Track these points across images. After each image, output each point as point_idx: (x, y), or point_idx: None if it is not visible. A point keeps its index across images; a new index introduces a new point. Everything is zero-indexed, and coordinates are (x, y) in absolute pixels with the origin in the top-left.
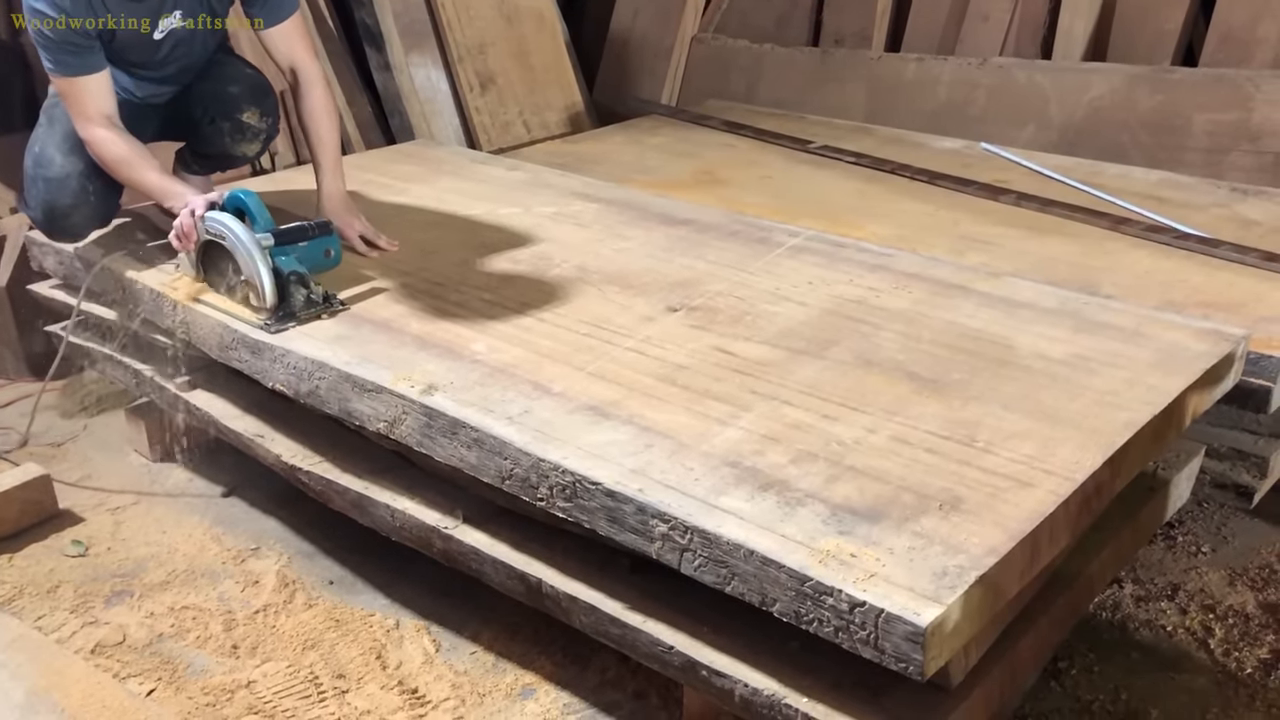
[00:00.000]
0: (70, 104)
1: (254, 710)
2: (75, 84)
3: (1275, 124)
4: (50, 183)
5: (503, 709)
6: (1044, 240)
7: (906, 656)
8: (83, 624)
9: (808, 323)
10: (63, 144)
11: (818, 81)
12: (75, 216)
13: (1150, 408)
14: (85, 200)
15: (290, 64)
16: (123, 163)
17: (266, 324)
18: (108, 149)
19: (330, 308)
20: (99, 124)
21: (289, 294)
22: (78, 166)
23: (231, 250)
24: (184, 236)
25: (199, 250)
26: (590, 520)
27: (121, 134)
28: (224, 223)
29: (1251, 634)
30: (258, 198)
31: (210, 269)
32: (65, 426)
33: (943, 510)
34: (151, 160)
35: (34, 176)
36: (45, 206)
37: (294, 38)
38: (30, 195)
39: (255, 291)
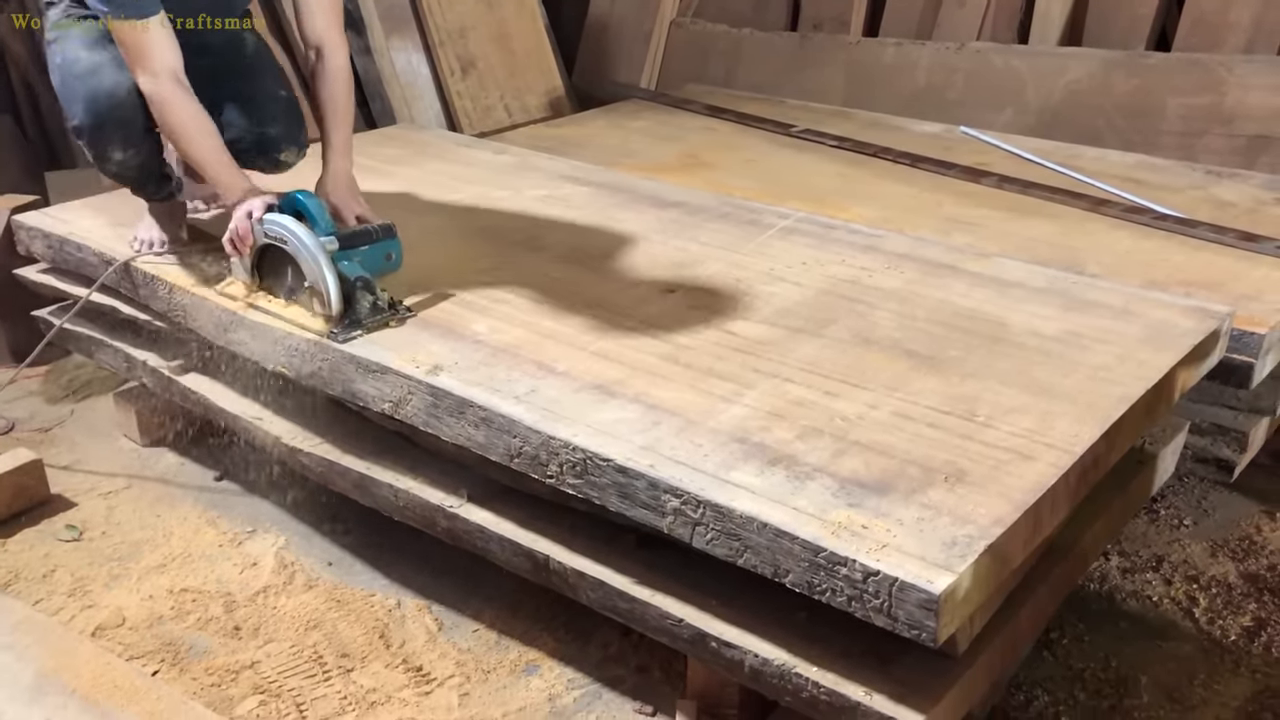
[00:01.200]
0: (133, 54)
1: (260, 690)
2: (139, 29)
3: (1248, 107)
4: (84, 76)
5: (507, 685)
6: (1026, 221)
7: (920, 624)
8: (81, 608)
9: (804, 302)
10: (85, 43)
11: (796, 66)
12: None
13: (1143, 382)
14: (127, 84)
15: (318, 40)
16: (184, 130)
17: (333, 333)
18: (173, 110)
19: (397, 314)
20: (167, 78)
21: (355, 301)
22: (106, 55)
23: (294, 255)
24: (240, 240)
25: (255, 254)
26: (601, 496)
27: (190, 97)
28: (286, 226)
29: (1234, 603)
30: (318, 200)
31: (267, 274)
32: (51, 412)
33: (948, 483)
34: (217, 139)
35: (66, 80)
36: (89, 97)
37: (328, 11)
38: (68, 104)
39: (320, 299)
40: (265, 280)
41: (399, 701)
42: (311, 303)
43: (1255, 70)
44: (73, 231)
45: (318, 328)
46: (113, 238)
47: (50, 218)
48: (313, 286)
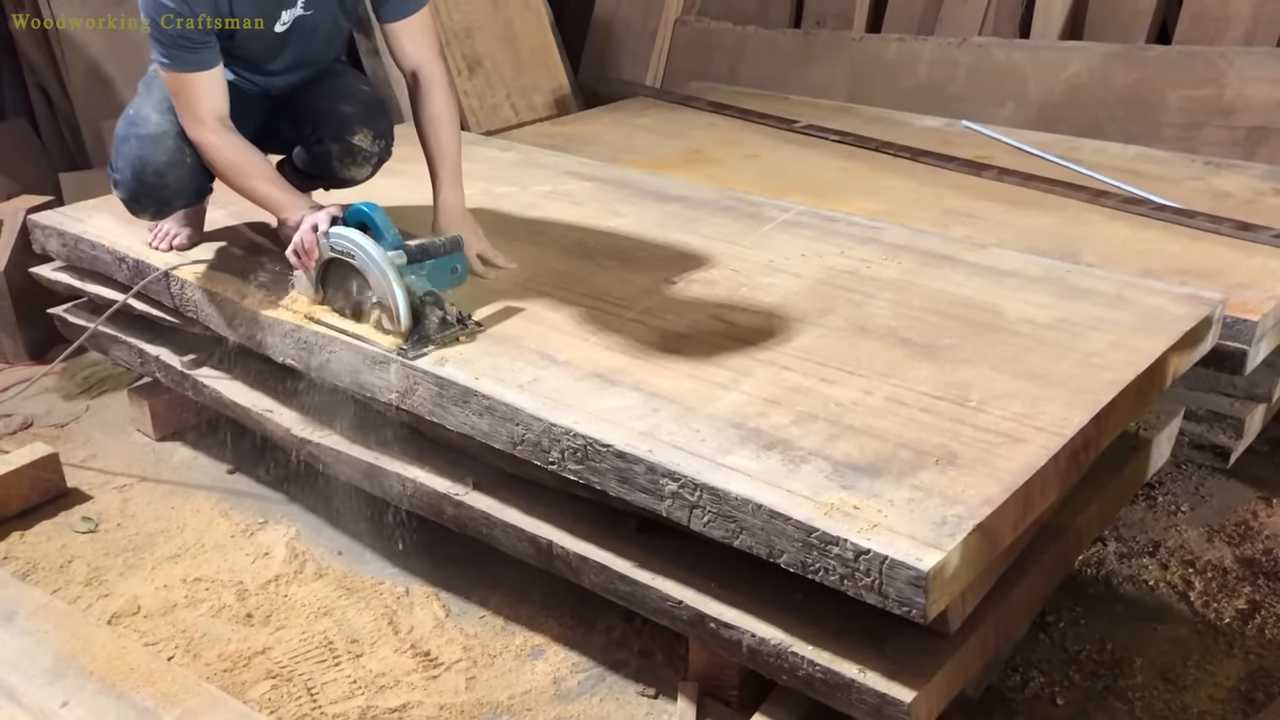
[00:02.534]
0: (181, 103)
1: (271, 675)
2: (188, 81)
3: (1247, 99)
4: (144, 140)
5: (513, 669)
6: (1026, 213)
7: (909, 600)
8: (97, 596)
9: (802, 293)
10: (160, 104)
11: (800, 62)
12: (169, 177)
13: (1134, 367)
14: (181, 161)
15: (414, 64)
16: (235, 169)
17: (402, 350)
18: (221, 154)
19: (466, 329)
20: (211, 127)
21: (423, 316)
22: (175, 126)
23: (362, 269)
24: (305, 253)
25: (320, 268)
26: (601, 481)
27: (235, 138)
28: (353, 240)
29: (1229, 586)
30: (383, 212)
31: (331, 288)
32: (67, 408)
33: (939, 465)
34: (266, 166)
35: (125, 135)
36: (137, 164)
37: (421, 34)
38: (119, 158)
39: (389, 314)
40: (329, 294)
41: (407, 685)
42: (380, 318)
43: (1255, 62)
44: (87, 230)
45: (386, 344)
46: (127, 235)
47: (65, 216)
48: (381, 302)
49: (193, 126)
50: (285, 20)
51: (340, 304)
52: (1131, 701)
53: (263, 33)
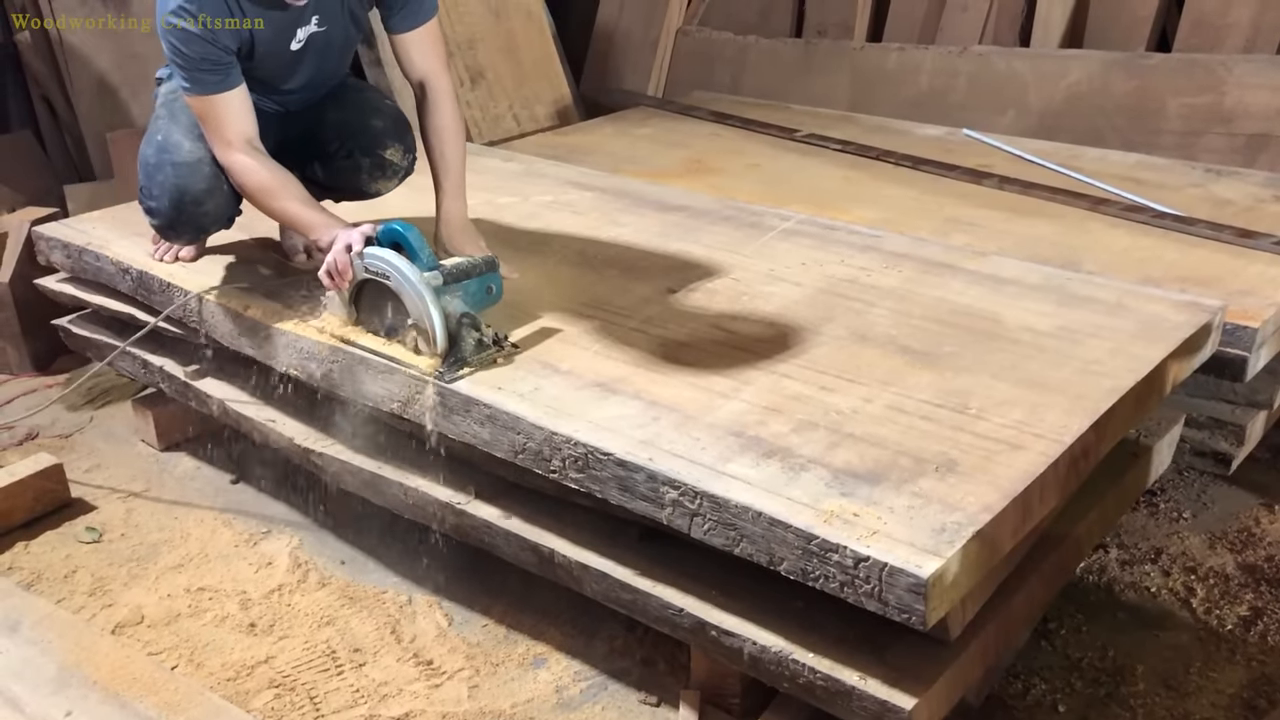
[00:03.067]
0: (209, 126)
1: (274, 684)
2: (215, 104)
3: (1247, 107)
4: (180, 167)
5: (516, 678)
6: (1026, 221)
7: (909, 607)
8: (101, 606)
9: (802, 301)
10: (190, 131)
11: (801, 72)
12: (208, 204)
13: (1133, 375)
14: (219, 188)
15: (422, 74)
16: (266, 191)
17: (439, 373)
18: (251, 177)
19: (502, 350)
20: (240, 148)
21: (460, 338)
22: (209, 152)
23: (398, 291)
24: (339, 274)
25: (353, 289)
26: (602, 490)
27: (265, 159)
28: (389, 261)
29: (1231, 593)
30: (418, 231)
31: (364, 309)
32: (72, 418)
33: (939, 472)
34: (297, 186)
35: (158, 164)
36: (175, 193)
37: (430, 46)
38: (153, 186)
39: (425, 336)
40: (361, 315)
41: (410, 694)
42: (415, 340)
43: (1255, 70)
44: (91, 242)
45: (423, 366)
46: (131, 247)
47: (69, 228)
48: (417, 324)
49: (221, 149)
50: (300, 38)
51: (374, 325)
52: (1134, 709)
53: (279, 52)
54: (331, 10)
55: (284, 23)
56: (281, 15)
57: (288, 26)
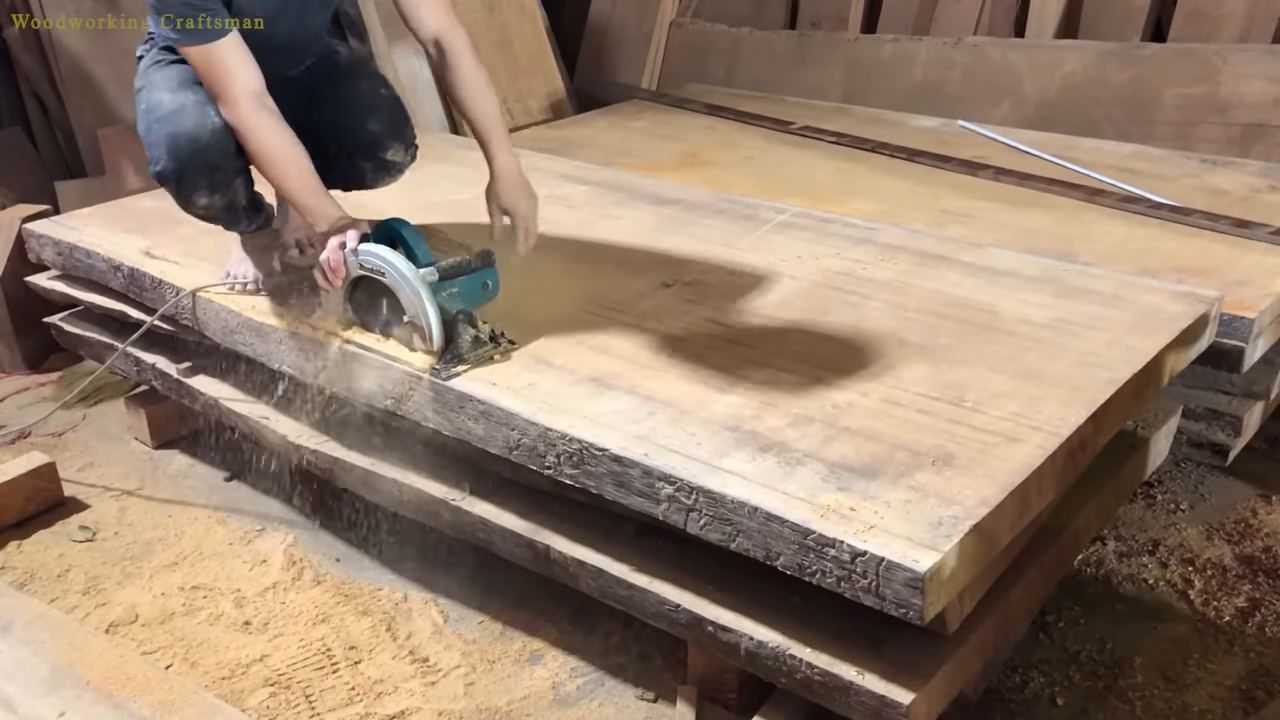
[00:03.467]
0: (214, 81)
1: (270, 682)
2: (213, 52)
3: (1242, 96)
4: (165, 119)
5: (512, 674)
6: (1022, 212)
7: (907, 602)
8: (95, 605)
9: (798, 294)
10: (167, 85)
11: (795, 64)
12: (204, 139)
13: (1130, 366)
14: (209, 122)
15: (435, 32)
16: (272, 160)
17: (435, 370)
18: (259, 137)
19: (499, 347)
20: (249, 103)
21: (456, 335)
22: (190, 97)
23: (393, 289)
24: (333, 271)
25: (348, 286)
26: (597, 485)
27: (279, 122)
28: (384, 258)
29: (1229, 585)
30: (414, 227)
31: (360, 306)
32: (64, 417)
33: (935, 466)
34: (306, 164)
35: (148, 126)
36: (169, 142)
37: (438, 3)
38: (151, 149)
39: (421, 333)
40: (357, 313)
41: (406, 692)
42: (411, 337)
43: (1250, 59)
44: (82, 238)
45: (419, 363)
46: (122, 244)
47: (60, 225)
48: (413, 320)
49: (229, 107)
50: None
51: (370, 322)
52: (1132, 701)
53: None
54: None
55: None
56: None
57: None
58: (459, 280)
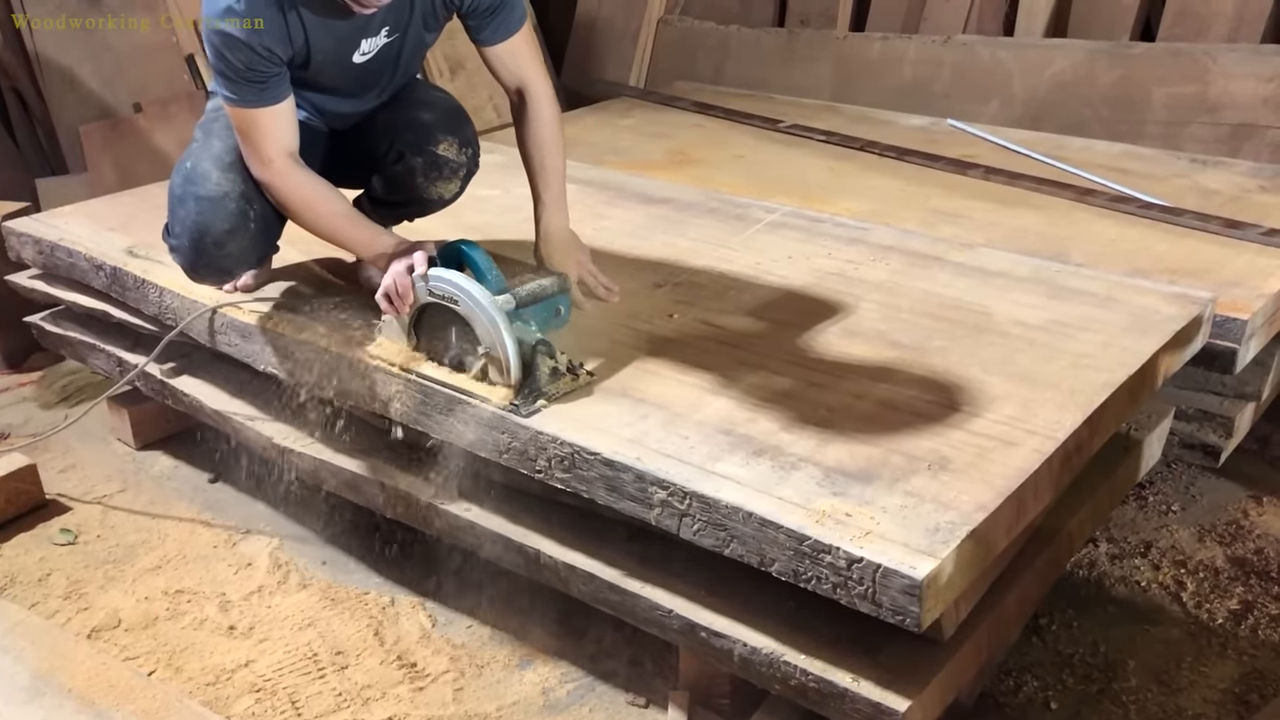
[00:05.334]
0: (247, 140)
1: (255, 688)
2: (257, 118)
3: (1232, 96)
4: (203, 201)
5: (501, 680)
6: (1013, 212)
7: (903, 609)
8: (77, 610)
9: (790, 295)
10: (220, 159)
11: (784, 62)
12: (230, 245)
13: (1125, 368)
14: (244, 226)
15: (519, 83)
16: (308, 208)
17: (514, 405)
18: (292, 194)
19: (577, 379)
20: (279, 166)
21: (535, 367)
22: (238, 186)
23: (468, 317)
24: (399, 298)
25: (414, 314)
26: (589, 490)
27: (306, 174)
28: (457, 284)
29: (1221, 586)
30: (483, 250)
31: (426, 335)
32: (46, 417)
33: (932, 470)
34: (343, 202)
35: (182, 195)
36: (195, 231)
37: (524, 52)
38: (176, 220)
39: (498, 365)
40: (422, 341)
41: (393, 698)
42: (485, 369)
43: (1239, 59)
44: (63, 237)
45: (495, 398)
46: (104, 242)
47: (41, 223)
48: (489, 352)
49: (259, 166)
50: (366, 50)
51: (438, 353)
52: (1125, 705)
53: (339, 62)
54: (402, 17)
55: (347, 32)
56: (345, 24)
57: (351, 36)
58: (534, 307)
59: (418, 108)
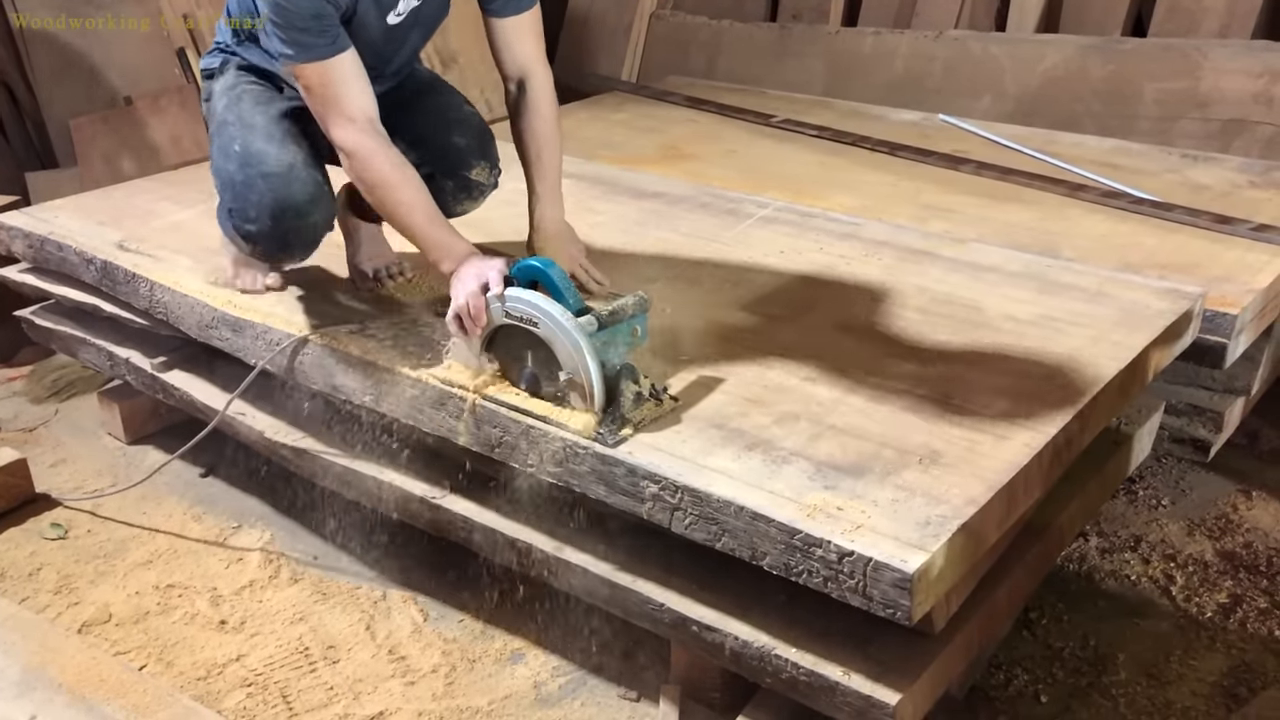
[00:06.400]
0: (325, 99)
1: (246, 683)
2: (330, 70)
3: (1222, 91)
4: (273, 179)
5: (493, 673)
6: (1004, 207)
7: (894, 602)
8: (67, 605)
9: (783, 290)
10: (270, 135)
11: (776, 56)
12: (314, 213)
13: (1115, 363)
14: (320, 193)
15: (521, 68)
16: (391, 189)
17: (599, 434)
18: (376, 165)
19: (660, 404)
20: (364, 128)
21: (619, 393)
22: (299, 155)
23: (548, 340)
24: (472, 320)
25: (486, 335)
26: (581, 484)
27: (391, 148)
28: (537, 305)
29: (1210, 580)
30: (560, 269)
31: (500, 357)
32: (36, 412)
33: (923, 464)
34: (426, 194)
35: (247, 180)
36: (275, 208)
37: (531, 35)
38: (248, 206)
39: (581, 391)
40: (495, 364)
41: (385, 691)
42: (565, 394)
43: (1230, 55)
44: (53, 231)
45: (577, 425)
46: (94, 236)
47: (31, 217)
48: (572, 377)
49: (341, 126)
50: (401, 10)
51: (513, 376)
52: (1115, 698)
53: (375, 24)
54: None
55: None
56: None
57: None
58: (613, 328)
59: (452, 129)
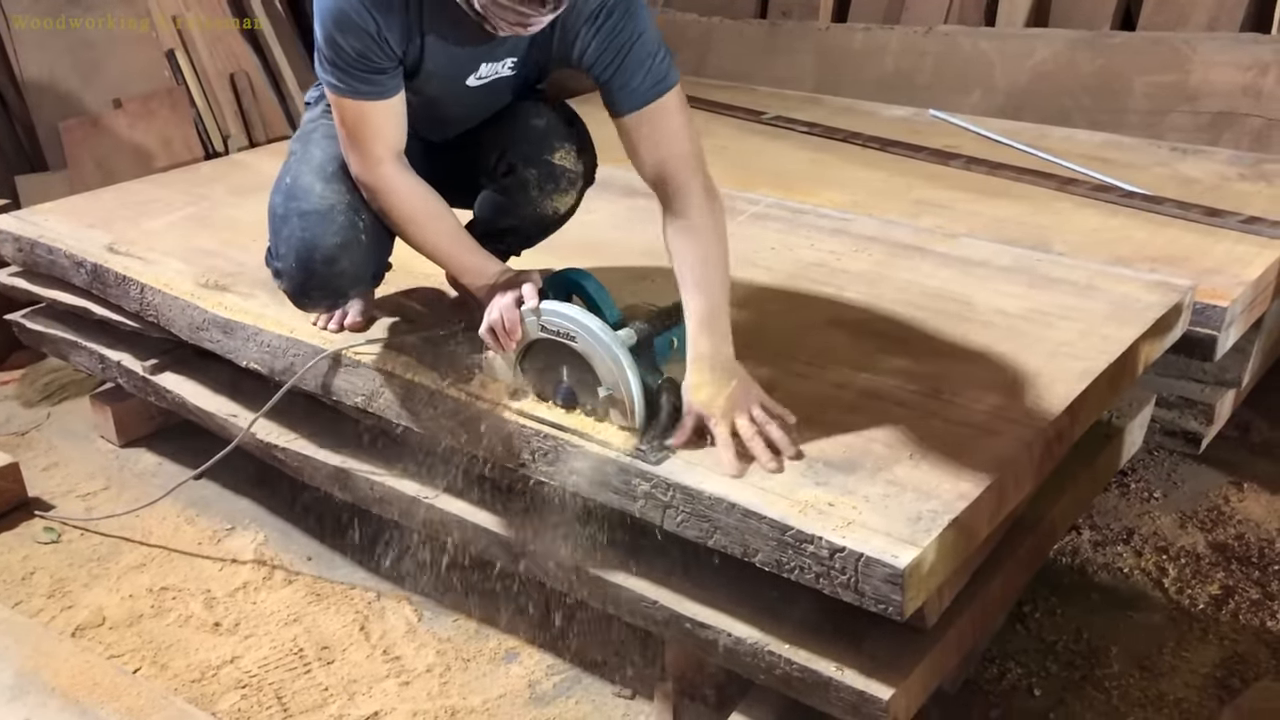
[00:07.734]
0: (354, 137)
1: (241, 685)
2: (366, 113)
3: (1212, 85)
4: (308, 217)
5: (487, 673)
6: (994, 202)
7: (886, 598)
8: (61, 608)
9: (774, 286)
10: (323, 169)
11: (767, 53)
12: (343, 261)
13: (1106, 357)
14: (355, 240)
15: (658, 169)
16: (417, 221)
17: (640, 451)
18: (401, 201)
19: None
20: (390, 166)
21: (659, 408)
22: (344, 197)
23: (587, 355)
24: (507, 333)
25: (521, 350)
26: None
27: (416, 180)
28: (575, 319)
29: (1202, 572)
30: (596, 279)
31: (535, 372)
32: (28, 415)
33: (913, 459)
34: (453, 219)
35: (284, 215)
36: (302, 249)
37: (663, 127)
38: (279, 243)
39: (621, 407)
40: (530, 380)
41: (380, 692)
42: (604, 410)
43: (1219, 48)
44: (43, 234)
45: (617, 443)
46: (84, 239)
47: (21, 220)
48: (612, 392)
49: (364, 167)
50: (484, 75)
51: (548, 392)
52: (1108, 691)
53: (452, 80)
54: (525, 53)
55: (465, 59)
56: (464, 52)
57: (472, 59)
58: (654, 341)
59: (529, 115)
